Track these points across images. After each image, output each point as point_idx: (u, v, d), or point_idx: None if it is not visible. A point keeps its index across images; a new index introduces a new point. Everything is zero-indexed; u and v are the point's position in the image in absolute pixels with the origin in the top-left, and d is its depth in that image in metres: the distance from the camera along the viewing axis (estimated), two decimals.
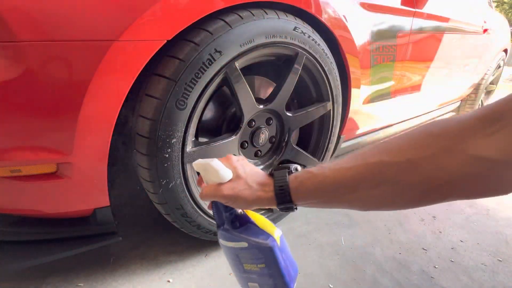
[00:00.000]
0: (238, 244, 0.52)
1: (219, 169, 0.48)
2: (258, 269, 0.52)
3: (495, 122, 0.33)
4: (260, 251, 0.51)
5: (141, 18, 0.60)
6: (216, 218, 0.54)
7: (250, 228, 0.53)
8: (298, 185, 0.45)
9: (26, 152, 0.60)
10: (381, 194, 0.40)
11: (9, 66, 0.53)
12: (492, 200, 1.47)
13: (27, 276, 0.88)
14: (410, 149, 0.38)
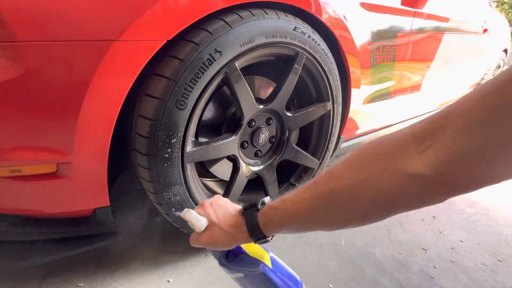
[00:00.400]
0: (236, 275, 0.57)
1: (192, 221, 0.52)
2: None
3: (427, 139, 0.34)
4: (256, 278, 0.56)
5: (141, 18, 0.60)
6: (213, 254, 0.58)
7: (242, 259, 0.57)
8: (267, 222, 0.48)
9: (26, 152, 0.60)
10: (336, 217, 0.43)
11: (9, 66, 0.53)
12: (492, 200, 1.47)
13: (27, 276, 0.88)
14: (352, 173, 0.40)
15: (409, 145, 0.36)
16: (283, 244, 1.07)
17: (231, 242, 0.52)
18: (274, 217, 0.48)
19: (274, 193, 1.06)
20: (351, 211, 0.42)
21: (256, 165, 1.01)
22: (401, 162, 0.36)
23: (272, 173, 1.04)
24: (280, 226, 0.48)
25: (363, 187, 0.39)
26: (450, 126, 0.32)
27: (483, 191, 1.55)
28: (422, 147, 0.34)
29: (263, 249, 0.61)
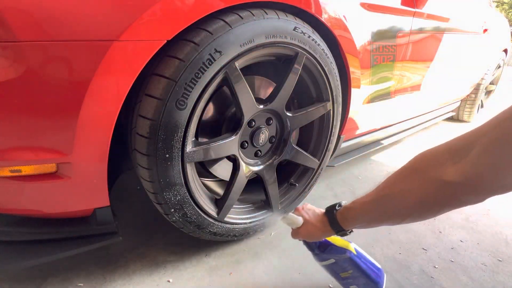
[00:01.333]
0: (328, 262, 0.76)
1: (292, 220, 0.76)
2: (350, 274, 0.75)
3: (459, 153, 0.45)
4: (344, 262, 0.75)
5: (141, 18, 0.60)
6: (307, 247, 0.80)
7: (332, 249, 0.76)
8: (343, 218, 0.67)
9: (26, 152, 0.60)
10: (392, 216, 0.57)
11: (9, 66, 0.53)
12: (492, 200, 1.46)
13: (27, 276, 0.88)
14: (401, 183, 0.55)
15: (446, 159, 0.47)
16: (285, 244, 1.07)
17: (320, 234, 0.72)
18: (348, 215, 0.66)
19: (274, 193, 1.06)
20: (403, 211, 0.54)
21: (256, 165, 1.01)
22: (439, 172, 0.47)
23: (272, 173, 1.04)
24: (353, 221, 0.65)
25: (410, 193, 0.51)
26: (478, 142, 0.43)
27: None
28: (455, 159, 0.45)
29: (347, 241, 0.78)
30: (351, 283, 0.77)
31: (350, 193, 1.46)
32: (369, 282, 0.75)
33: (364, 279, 0.75)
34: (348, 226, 0.67)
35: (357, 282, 0.75)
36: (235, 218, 1.01)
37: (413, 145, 2.21)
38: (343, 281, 0.78)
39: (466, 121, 2.87)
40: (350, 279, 0.76)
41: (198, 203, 0.87)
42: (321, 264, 0.79)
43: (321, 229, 0.71)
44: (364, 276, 0.74)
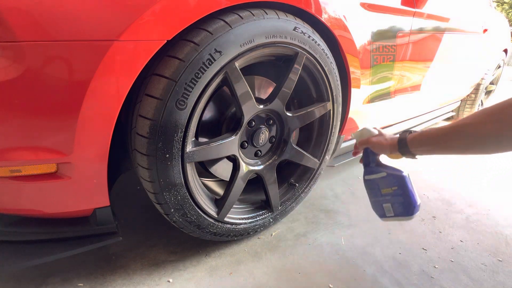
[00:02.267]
0: (379, 175, 0.82)
1: (370, 129, 0.86)
2: (392, 191, 0.79)
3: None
4: (394, 178, 0.79)
5: (141, 18, 0.60)
6: (365, 160, 0.86)
7: (387, 166, 0.83)
8: (412, 138, 0.73)
9: (26, 152, 0.60)
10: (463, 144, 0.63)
11: (9, 66, 0.53)
12: (492, 200, 1.47)
13: (27, 276, 0.88)
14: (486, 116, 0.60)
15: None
16: (284, 244, 1.07)
17: (386, 145, 0.79)
18: (419, 136, 0.72)
19: (274, 193, 1.06)
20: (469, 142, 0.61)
21: (256, 165, 1.01)
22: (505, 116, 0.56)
23: (272, 173, 1.04)
24: (420, 142, 0.71)
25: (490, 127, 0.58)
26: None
27: (483, 191, 1.55)
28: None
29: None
30: (387, 200, 0.80)
31: (350, 193, 1.46)
32: (405, 204, 0.77)
33: (403, 198, 0.77)
34: (413, 147, 0.73)
35: (394, 200, 0.79)
36: (235, 218, 1.01)
37: None
38: (380, 198, 0.82)
39: None
40: (389, 196, 0.79)
41: (198, 203, 0.87)
42: (368, 178, 0.84)
43: (389, 143, 0.78)
44: (405, 196, 0.77)
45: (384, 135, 0.83)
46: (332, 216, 1.26)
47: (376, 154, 0.84)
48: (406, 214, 0.78)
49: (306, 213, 1.26)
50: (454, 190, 1.56)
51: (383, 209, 0.82)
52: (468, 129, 0.61)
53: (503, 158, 2.07)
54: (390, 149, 0.78)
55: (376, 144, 0.82)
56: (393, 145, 0.77)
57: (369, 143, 0.83)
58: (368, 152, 0.85)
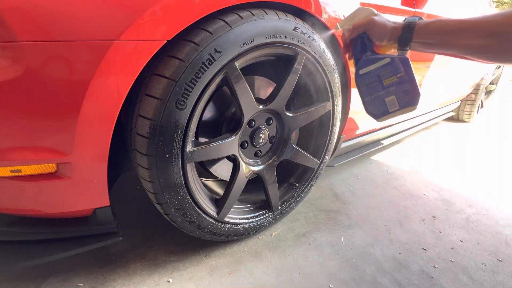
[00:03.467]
0: (381, 62, 0.71)
1: (367, 9, 0.72)
2: (397, 79, 0.70)
3: None
4: (400, 61, 0.69)
5: (141, 18, 0.60)
6: (358, 51, 0.74)
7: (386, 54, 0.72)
8: (423, 25, 0.63)
9: (26, 152, 0.60)
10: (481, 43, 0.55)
11: (9, 66, 0.53)
12: (492, 200, 1.47)
13: (27, 276, 0.88)
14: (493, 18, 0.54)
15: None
16: (284, 244, 1.07)
17: (389, 28, 0.68)
18: (430, 23, 0.63)
19: (274, 193, 1.06)
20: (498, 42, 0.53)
21: (256, 165, 1.01)
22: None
23: (272, 173, 1.04)
24: (431, 32, 0.62)
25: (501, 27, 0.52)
26: None
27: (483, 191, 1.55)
28: None
29: None
30: (391, 92, 0.71)
31: (350, 193, 1.46)
32: (411, 91, 0.70)
33: (409, 85, 0.69)
34: (419, 36, 0.64)
35: (399, 90, 0.70)
36: (235, 218, 1.01)
37: (413, 145, 2.21)
38: (382, 91, 0.73)
39: (466, 121, 2.87)
40: (393, 86, 0.71)
41: (198, 203, 0.87)
42: (365, 71, 0.74)
43: (391, 25, 0.68)
44: (411, 82, 0.69)
45: (384, 17, 0.71)
46: (332, 216, 1.26)
47: (370, 42, 0.72)
48: (413, 104, 0.70)
49: (306, 213, 1.26)
50: (454, 190, 1.56)
51: (385, 105, 0.72)
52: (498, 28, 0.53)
53: (503, 158, 2.07)
54: (391, 34, 0.67)
55: (379, 26, 0.69)
56: (396, 29, 0.66)
57: (370, 25, 0.70)
58: (364, 38, 0.72)
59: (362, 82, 0.75)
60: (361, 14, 0.73)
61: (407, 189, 1.55)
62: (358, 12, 0.73)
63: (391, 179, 1.65)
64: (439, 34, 0.61)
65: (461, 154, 2.09)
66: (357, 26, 0.72)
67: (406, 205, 1.40)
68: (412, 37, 0.64)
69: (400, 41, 0.66)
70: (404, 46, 0.66)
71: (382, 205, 1.38)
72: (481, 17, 0.56)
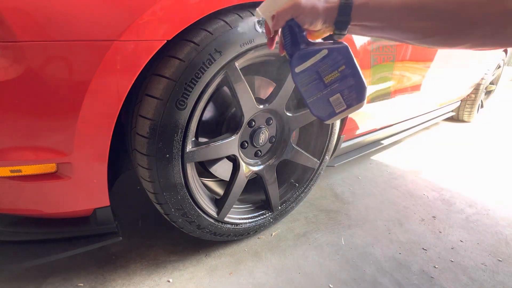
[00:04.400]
0: (318, 56, 0.58)
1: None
2: (339, 73, 0.58)
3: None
4: (339, 53, 0.57)
5: (141, 18, 0.60)
6: (289, 44, 0.59)
7: (323, 42, 0.59)
8: (362, 4, 0.51)
9: (26, 152, 0.60)
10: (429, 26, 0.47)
11: (9, 66, 0.53)
12: (492, 200, 1.47)
13: (27, 276, 0.88)
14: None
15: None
16: (284, 244, 1.07)
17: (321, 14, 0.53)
18: (370, 2, 0.51)
19: (274, 193, 1.06)
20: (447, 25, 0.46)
21: (256, 165, 1.01)
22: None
23: (272, 173, 1.04)
24: (373, 12, 0.51)
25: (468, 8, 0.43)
26: None
27: (483, 191, 1.55)
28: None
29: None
30: (335, 90, 0.60)
31: (350, 193, 1.46)
32: (357, 86, 0.59)
33: (354, 79, 0.59)
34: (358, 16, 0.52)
35: (343, 86, 0.59)
36: (235, 218, 1.01)
37: (413, 145, 2.21)
38: (325, 90, 0.60)
39: (466, 121, 2.87)
40: (336, 82, 0.59)
41: (198, 203, 0.87)
42: (302, 68, 0.60)
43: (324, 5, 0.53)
44: (356, 75, 0.59)
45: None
46: (332, 216, 1.26)
47: (302, 30, 0.58)
48: (360, 100, 0.60)
49: (306, 213, 1.26)
50: (454, 190, 1.56)
51: (330, 106, 0.61)
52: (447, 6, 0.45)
53: (503, 158, 2.07)
54: (325, 16, 0.54)
55: (308, 9, 0.54)
56: (331, 10, 0.53)
57: (296, 9, 0.54)
58: (293, 28, 0.57)
59: (301, 82, 0.61)
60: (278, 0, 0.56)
61: (407, 189, 1.55)
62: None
63: (391, 179, 1.65)
64: (381, 15, 0.51)
65: (461, 154, 2.09)
66: (281, 13, 0.55)
67: (406, 205, 1.40)
68: (350, 19, 0.53)
69: (336, 25, 0.54)
70: (342, 30, 0.55)
71: (382, 205, 1.38)
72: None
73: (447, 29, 0.46)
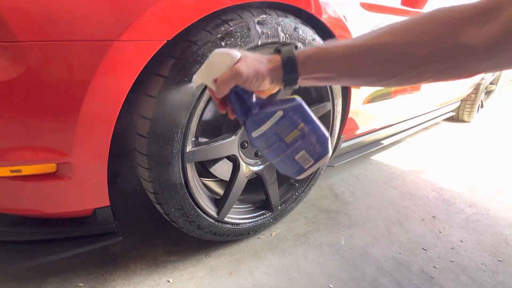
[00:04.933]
0: (274, 119, 0.56)
1: (228, 50, 0.50)
2: (299, 131, 0.56)
3: (491, 12, 0.37)
4: (294, 112, 0.55)
5: (141, 18, 0.60)
6: (240, 110, 0.55)
7: (275, 102, 0.56)
8: (305, 58, 0.49)
9: (26, 152, 0.60)
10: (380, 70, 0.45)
11: (9, 66, 0.53)
12: (492, 200, 1.47)
13: (27, 276, 0.88)
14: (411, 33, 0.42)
15: (473, 17, 0.38)
16: (284, 244, 1.07)
17: (266, 72, 0.50)
18: (315, 55, 0.48)
19: (274, 193, 1.06)
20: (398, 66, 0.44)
21: (256, 165, 1.01)
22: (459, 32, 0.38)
23: (272, 173, 1.04)
24: (319, 65, 0.49)
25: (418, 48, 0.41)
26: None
27: (483, 191, 1.55)
28: (484, 19, 0.37)
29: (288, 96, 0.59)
30: (298, 148, 0.57)
31: (350, 193, 1.46)
32: (320, 139, 0.57)
33: (315, 133, 0.57)
34: (304, 70, 0.49)
35: (306, 143, 0.57)
36: (235, 218, 1.01)
37: (413, 145, 2.21)
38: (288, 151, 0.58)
39: (466, 121, 2.87)
40: (298, 141, 0.57)
41: (198, 203, 0.87)
42: (259, 133, 0.57)
43: (267, 66, 0.50)
44: (316, 129, 0.57)
45: (251, 56, 0.51)
46: (332, 216, 1.26)
47: (252, 95, 0.54)
48: (326, 152, 0.58)
49: (306, 213, 1.26)
50: (454, 190, 1.56)
51: (297, 163, 0.59)
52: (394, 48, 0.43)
53: (503, 158, 2.07)
54: (271, 77, 0.50)
55: (251, 75, 0.49)
56: (276, 69, 0.50)
57: (238, 78, 0.49)
58: (240, 94, 0.54)
59: (261, 145, 0.59)
60: (220, 63, 0.51)
61: (407, 189, 1.55)
62: (214, 59, 0.52)
63: (391, 179, 1.65)
64: (328, 66, 0.48)
65: (461, 154, 2.09)
66: (223, 82, 0.50)
67: (406, 205, 1.40)
68: (298, 75, 0.50)
69: (286, 82, 0.51)
70: (292, 86, 0.52)
71: (382, 205, 1.38)
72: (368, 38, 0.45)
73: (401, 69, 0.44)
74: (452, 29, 0.39)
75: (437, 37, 0.40)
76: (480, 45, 0.37)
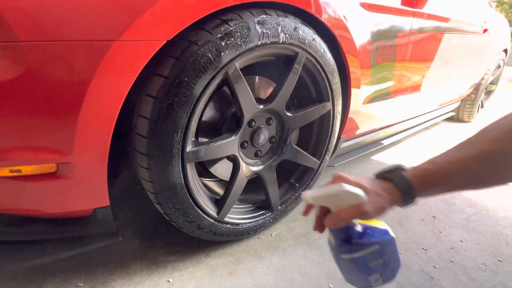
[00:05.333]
0: (369, 250, 0.57)
1: (357, 192, 0.50)
2: (383, 260, 0.58)
3: None
4: (388, 247, 0.58)
5: (141, 18, 0.60)
6: (340, 237, 0.58)
7: (371, 232, 0.58)
8: (421, 183, 0.50)
9: (26, 152, 0.60)
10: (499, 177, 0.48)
11: (9, 66, 0.53)
12: (492, 200, 1.47)
13: (27, 276, 0.88)
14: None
15: None
16: (284, 244, 1.07)
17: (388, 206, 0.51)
18: (428, 177, 0.50)
19: (274, 193, 1.06)
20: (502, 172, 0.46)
21: (256, 165, 1.01)
22: None
23: (272, 173, 1.04)
24: (435, 187, 0.50)
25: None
26: None
27: (483, 191, 1.54)
28: None
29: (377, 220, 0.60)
30: (375, 270, 0.60)
31: None
32: (395, 267, 0.61)
33: (394, 263, 0.60)
34: (423, 193, 0.51)
35: (384, 269, 0.60)
36: (235, 218, 1.01)
37: (413, 145, 2.21)
38: (367, 272, 0.61)
39: (466, 121, 2.87)
40: (379, 266, 0.60)
41: (198, 203, 0.87)
42: (351, 256, 0.59)
43: (387, 199, 0.51)
44: (395, 260, 0.60)
45: (372, 191, 0.51)
46: None
47: (353, 225, 0.57)
48: (395, 277, 0.61)
49: None
50: None
51: (368, 282, 0.61)
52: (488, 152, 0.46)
53: None
54: (391, 206, 0.53)
55: (377, 212, 0.51)
56: (396, 201, 0.52)
57: (363, 214, 0.50)
58: (350, 226, 0.57)
59: (343, 264, 0.63)
60: (346, 200, 0.52)
61: None
62: (341, 195, 0.52)
63: None
64: (445, 188, 0.50)
65: None
66: (346, 219, 0.52)
67: None
68: (415, 199, 0.52)
69: (405, 205, 0.53)
70: (409, 205, 0.54)
71: None
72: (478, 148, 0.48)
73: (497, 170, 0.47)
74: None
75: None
76: None
